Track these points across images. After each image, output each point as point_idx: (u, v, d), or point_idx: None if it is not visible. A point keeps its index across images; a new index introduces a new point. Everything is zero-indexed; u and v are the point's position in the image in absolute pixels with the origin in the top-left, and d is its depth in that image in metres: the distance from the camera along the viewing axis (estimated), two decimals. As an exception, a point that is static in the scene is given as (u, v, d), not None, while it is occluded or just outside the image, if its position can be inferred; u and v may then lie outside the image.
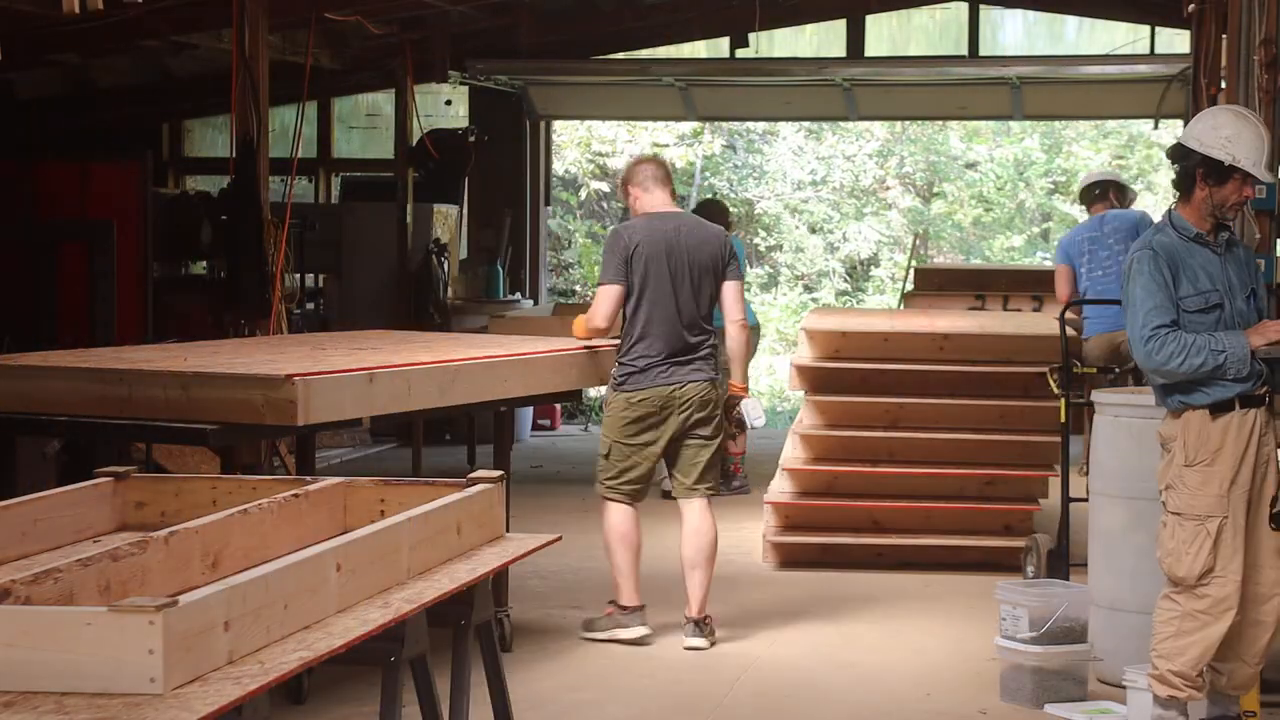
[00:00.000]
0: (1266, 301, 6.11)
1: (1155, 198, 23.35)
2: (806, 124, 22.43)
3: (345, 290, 14.43)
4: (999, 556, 9.09)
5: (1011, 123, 20.52)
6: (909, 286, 15.03)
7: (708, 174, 23.60)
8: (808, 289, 23.47)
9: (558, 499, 11.61)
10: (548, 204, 17.21)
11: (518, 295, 15.67)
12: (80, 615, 3.26)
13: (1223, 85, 7.30)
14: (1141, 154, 23.53)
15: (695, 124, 21.05)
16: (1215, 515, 5.72)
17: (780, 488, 9.70)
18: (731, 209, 23.72)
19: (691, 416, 7.59)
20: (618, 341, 7.72)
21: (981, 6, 14.98)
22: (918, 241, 22.17)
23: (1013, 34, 15.42)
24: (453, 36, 14.16)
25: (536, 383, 7.39)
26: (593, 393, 17.85)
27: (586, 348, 7.65)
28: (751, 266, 23.82)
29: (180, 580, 4.09)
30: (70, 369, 6.33)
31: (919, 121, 21.75)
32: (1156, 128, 19.79)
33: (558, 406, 15.43)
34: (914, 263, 17.44)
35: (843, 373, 9.87)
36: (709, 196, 17.87)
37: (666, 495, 11.66)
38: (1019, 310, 13.35)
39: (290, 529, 4.63)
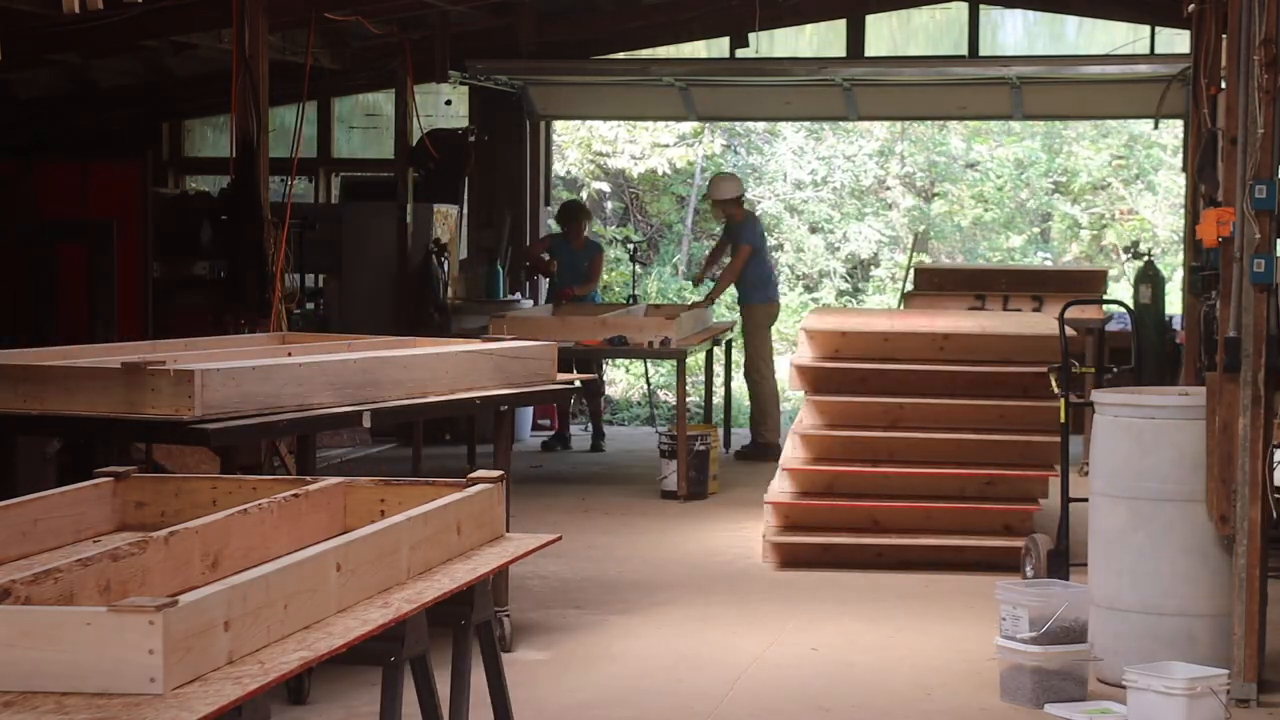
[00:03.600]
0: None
1: (1155, 197, 23.33)
2: (807, 124, 22.42)
3: (345, 290, 14.43)
4: (999, 556, 9.09)
5: (1012, 122, 20.51)
6: (909, 286, 15.03)
7: (708, 174, 23.59)
8: (808, 289, 23.46)
9: (558, 499, 11.62)
10: (548, 204, 17.19)
11: (518, 295, 15.67)
12: (80, 615, 3.26)
13: (1223, 85, 7.28)
14: (1142, 154, 23.50)
15: (695, 124, 21.05)
16: None
17: (780, 488, 9.70)
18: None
19: None
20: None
21: (981, 6, 14.97)
22: (919, 240, 22.15)
23: (1013, 34, 15.41)
24: (453, 36, 14.15)
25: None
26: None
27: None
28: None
29: (180, 580, 4.09)
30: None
31: (919, 121, 21.74)
32: (1156, 128, 19.79)
33: (557, 406, 15.41)
34: (914, 262, 17.43)
35: (843, 373, 9.88)
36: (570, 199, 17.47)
37: (666, 494, 11.69)
38: (1019, 310, 13.35)
39: (290, 529, 4.63)
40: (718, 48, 15.35)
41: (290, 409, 6.46)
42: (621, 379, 19.43)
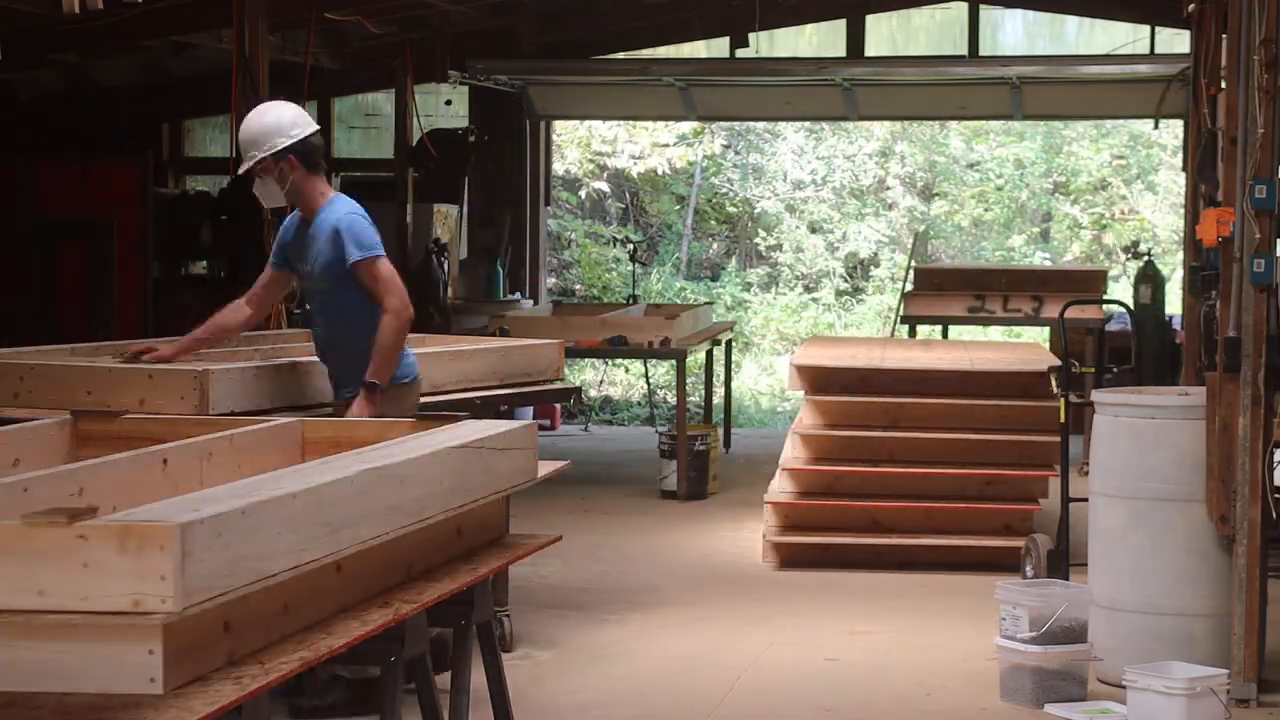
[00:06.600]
0: None
1: (1155, 197, 23.33)
2: (807, 124, 22.42)
3: (345, 290, 14.39)
4: (999, 556, 9.09)
5: (1012, 122, 20.51)
6: (909, 286, 15.03)
7: (708, 174, 23.58)
8: (808, 289, 23.45)
9: (558, 499, 11.61)
10: (548, 204, 17.20)
11: (518, 295, 15.67)
12: (80, 615, 3.26)
13: (1223, 85, 7.28)
14: (1142, 154, 23.50)
15: (695, 124, 21.04)
16: None
17: (780, 488, 9.70)
18: (731, 208, 23.80)
19: None
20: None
21: (981, 6, 14.96)
22: (919, 241, 22.14)
23: (1013, 34, 15.41)
24: (453, 36, 14.14)
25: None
26: (593, 392, 17.92)
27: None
28: (751, 266, 23.80)
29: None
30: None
31: (919, 121, 21.74)
32: (1156, 127, 19.78)
33: (557, 406, 15.42)
34: (914, 262, 17.43)
35: (843, 373, 9.87)
36: None
37: (666, 494, 11.69)
38: (1019, 310, 13.35)
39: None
40: (718, 48, 15.34)
41: (290, 408, 6.46)
42: (621, 379, 19.43)
